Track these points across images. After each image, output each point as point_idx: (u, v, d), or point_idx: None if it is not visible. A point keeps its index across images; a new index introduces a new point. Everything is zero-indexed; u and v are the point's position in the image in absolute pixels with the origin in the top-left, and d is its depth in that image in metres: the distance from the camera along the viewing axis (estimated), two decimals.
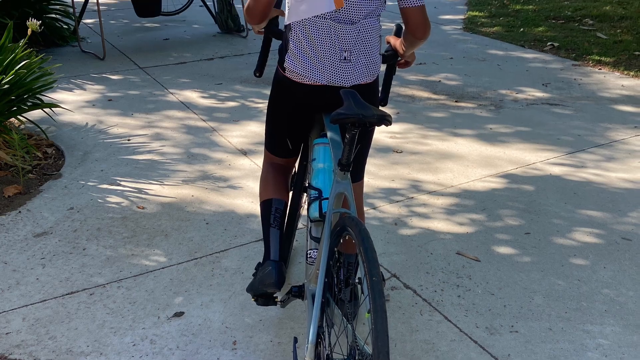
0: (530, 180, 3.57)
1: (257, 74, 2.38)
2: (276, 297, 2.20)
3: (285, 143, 2.30)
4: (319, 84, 2.05)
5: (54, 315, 2.38)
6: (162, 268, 2.69)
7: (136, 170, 3.59)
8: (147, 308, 2.43)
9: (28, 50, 3.90)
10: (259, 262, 2.24)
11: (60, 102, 4.47)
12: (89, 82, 5.12)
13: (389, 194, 3.37)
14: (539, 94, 4.96)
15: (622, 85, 5.19)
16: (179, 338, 2.28)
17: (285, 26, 2.11)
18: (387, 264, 2.76)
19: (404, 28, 2.15)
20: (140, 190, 3.35)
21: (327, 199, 2.02)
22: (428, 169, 3.69)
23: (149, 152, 3.84)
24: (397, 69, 2.40)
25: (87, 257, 2.74)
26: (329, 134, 2.06)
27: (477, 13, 7.94)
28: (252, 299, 2.19)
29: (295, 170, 2.50)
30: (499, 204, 3.29)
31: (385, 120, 1.80)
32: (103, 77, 5.26)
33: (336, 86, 2.06)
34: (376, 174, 3.59)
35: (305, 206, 2.30)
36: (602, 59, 5.89)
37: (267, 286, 2.09)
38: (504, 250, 2.88)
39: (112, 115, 4.42)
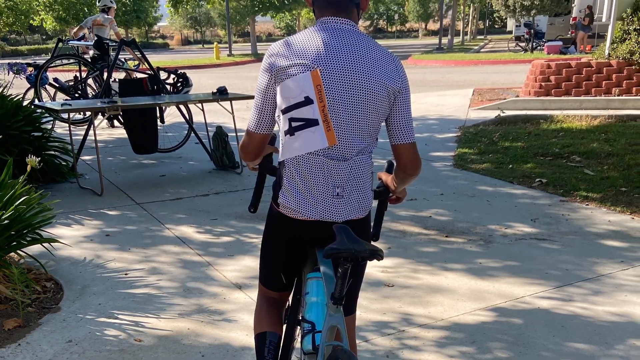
0: (519, 313, 3.81)
1: (252, 210, 2.55)
2: None
3: (279, 277, 2.47)
4: (312, 219, 2.24)
5: None
6: None
7: (133, 303, 3.83)
8: None
9: (27, 186, 4.20)
10: None
11: (59, 237, 4.75)
12: (87, 218, 5.46)
13: (380, 327, 3.60)
14: (527, 229, 5.30)
15: (609, 221, 5.53)
16: None
17: (279, 163, 2.31)
18: None
19: (395, 164, 2.36)
20: (137, 324, 3.57)
21: (320, 332, 2.16)
22: (419, 302, 3.93)
23: (146, 285, 4.09)
24: (388, 204, 2.59)
25: None
26: (322, 268, 2.23)
27: (467, 150, 8.48)
28: None
29: (289, 304, 2.65)
30: (488, 336, 3.51)
31: (377, 255, 1.98)
32: (101, 213, 5.60)
33: (329, 221, 2.25)
34: (368, 307, 3.83)
35: (299, 339, 2.41)
36: (590, 194, 6.28)
37: None
38: None
39: (109, 250, 4.71)
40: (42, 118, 6.90)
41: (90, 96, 10.19)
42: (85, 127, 7.92)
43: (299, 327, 2.51)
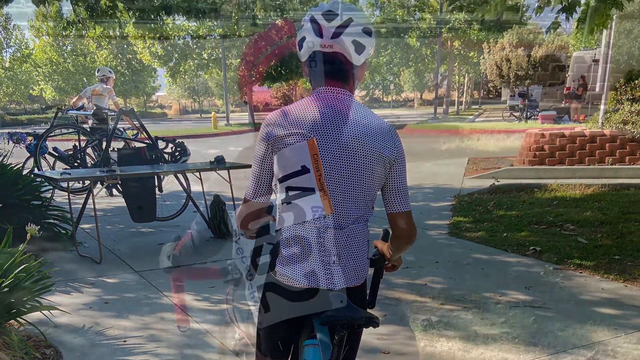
0: None
1: (249, 278, 2.56)
2: None
3: (276, 345, 2.49)
4: (309, 287, 2.30)
5: None
6: None
7: None
8: None
9: (27, 255, 4.32)
10: None
11: (58, 305, 4.83)
12: (86, 285, 5.56)
13: None
14: (522, 297, 5.39)
15: (603, 289, 5.63)
16: None
17: (276, 231, 2.34)
18: None
19: (391, 233, 2.42)
20: None
21: None
22: None
23: (145, 353, 4.17)
24: (384, 272, 2.64)
25: None
26: (318, 335, 2.28)
27: (462, 218, 8.62)
28: None
29: None
30: None
31: (373, 322, 2.06)
32: (100, 281, 5.71)
33: (326, 289, 2.27)
34: None
35: None
36: (583, 262, 6.39)
37: None
38: None
39: (108, 317, 4.80)
40: (42, 187, 7.01)
41: (89, 165, 10.35)
42: (84, 195, 8.06)
43: None
